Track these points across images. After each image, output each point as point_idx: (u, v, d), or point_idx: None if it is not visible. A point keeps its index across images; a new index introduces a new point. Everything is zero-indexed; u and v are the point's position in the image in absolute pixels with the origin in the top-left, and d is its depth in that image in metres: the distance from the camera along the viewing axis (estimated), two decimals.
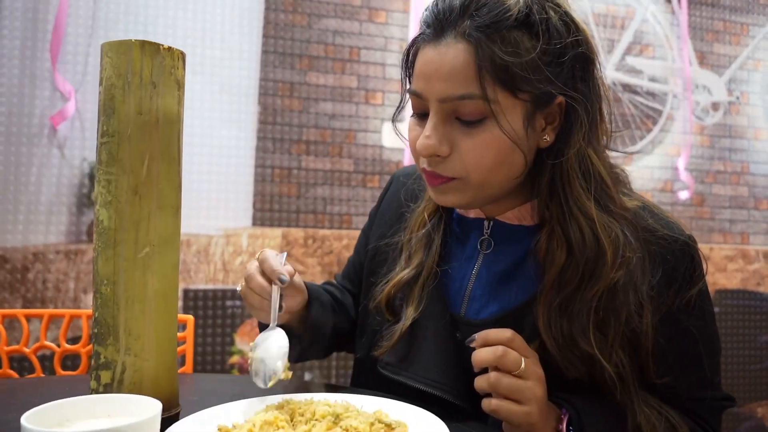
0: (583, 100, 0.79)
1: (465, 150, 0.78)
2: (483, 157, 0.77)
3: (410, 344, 0.88)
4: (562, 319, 0.79)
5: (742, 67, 2.70)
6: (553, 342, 0.79)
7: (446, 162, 0.80)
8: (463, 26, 0.76)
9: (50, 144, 1.97)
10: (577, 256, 0.80)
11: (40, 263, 1.95)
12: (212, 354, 2.07)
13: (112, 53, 0.75)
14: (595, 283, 0.79)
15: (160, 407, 0.66)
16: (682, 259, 0.84)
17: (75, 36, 2.00)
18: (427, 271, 0.90)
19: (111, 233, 0.75)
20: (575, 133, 0.79)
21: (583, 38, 0.80)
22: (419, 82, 0.80)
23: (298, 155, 2.19)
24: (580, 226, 0.80)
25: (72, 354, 1.29)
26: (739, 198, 2.68)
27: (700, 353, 0.86)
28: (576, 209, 0.80)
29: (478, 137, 0.77)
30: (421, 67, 0.79)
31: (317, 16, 2.22)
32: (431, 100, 0.78)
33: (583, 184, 0.81)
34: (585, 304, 0.79)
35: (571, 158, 0.80)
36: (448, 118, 0.79)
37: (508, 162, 0.79)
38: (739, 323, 2.62)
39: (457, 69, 0.76)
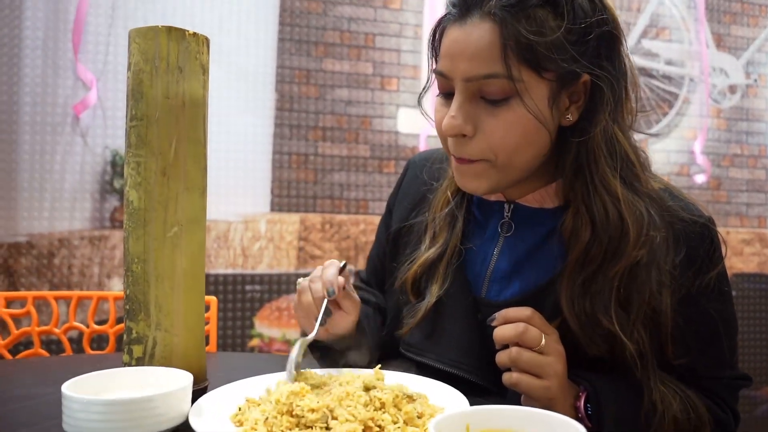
0: (608, 79, 0.80)
1: (490, 130, 0.79)
2: (508, 137, 0.78)
3: (432, 325, 0.90)
4: (584, 297, 0.80)
5: (760, 49, 2.67)
6: (575, 320, 0.80)
7: (472, 143, 0.80)
8: (489, 5, 0.76)
9: (73, 132, 2.02)
10: (601, 234, 0.80)
11: (65, 249, 2.00)
12: (233, 337, 2.11)
13: (139, 39, 0.78)
14: (618, 261, 0.80)
15: (191, 378, 0.69)
16: (702, 241, 0.84)
17: (96, 26, 2.03)
18: (451, 249, 0.91)
19: (141, 213, 0.77)
20: (601, 111, 0.80)
21: (609, 16, 0.80)
22: (445, 62, 0.80)
23: (315, 141, 2.22)
24: (605, 204, 0.80)
25: (98, 336, 1.33)
26: (756, 181, 2.66)
27: (719, 334, 0.87)
28: (601, 187, 0.81)
29: (503, 116, 0.78)
30: (447, 47, 0.80)
31: (332, 3, 2.24)
32: (456, 79, 0.79)
33: (609, 162, 0.81)
34: (607, 282, 0.80)
35: (597, 136, 0.80)
36: (473, 98, 0.79)
37: (534, 141, 0.80)
38: (756, 307, 2.62)
39: (482, 48, 0.76)
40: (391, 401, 0.66)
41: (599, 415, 0.77)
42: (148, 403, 0.62)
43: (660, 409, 0.80)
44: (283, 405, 0.65)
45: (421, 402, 0.69)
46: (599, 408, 0.78)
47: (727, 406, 0.89)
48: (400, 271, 0.96)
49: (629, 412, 0.80)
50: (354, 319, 0.90)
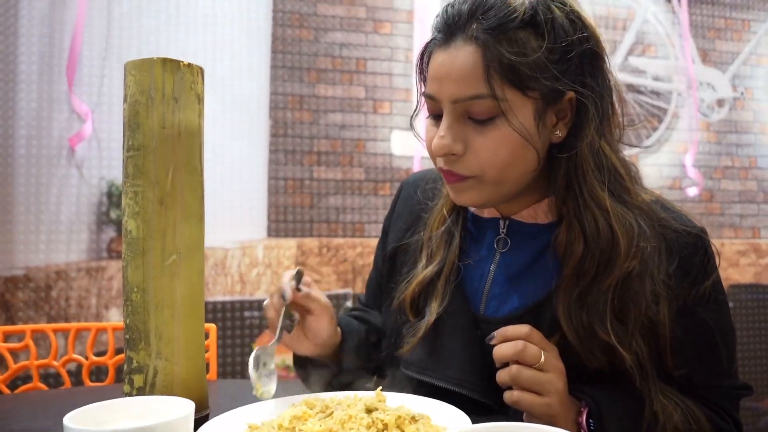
0: (591, 95, 0.82)
1: (478, 148, 0.81)
2: (496, 155, 0.80)
3: (433, 343, 0.90)
4: (581, 310, 0.81)
5: (745, 63, 2.72)
6: (573, 333, 0.81)
7: (462, 161, 0.82)
8: (471, 29, 0.79)
9: (69, 164, 2.02)
10: (593, 247, 0.82)
11: (62, 281, 1.99)
12: (232, 365, 2.10)
13: (135, 71, 0.79)
14: (610, 273, 0.81)
15: (193, 406, 0.69)
16: (696, 251, 0.85)
17: (90, 59, 2.05)
18: (448, 266, 0.92)
19: (139, 242, 0.78)
20: (586, 127, 0.82)
21: (590, 34, 0.82)
22: (432, 85, 0.83)
23: (310, 166, 2.23)
24: (595, 217, 0.82)
25: (96, 369, 1.32)
26: (748, 192, 2.68)
27: (716, 344, 0.87)
28: (590, 201, 0.82)
29: (491, 135, 0.80)
30: (434, 71, 0.82)
31: (323, 30, 2.27)
32: (444, 101, 0.81)
33: (597, 176, 0.83)
34: (601, 295, 0.81)
35: (584, 151, 0.82)
36: (461, 118, 0.81)
37: (521, 158, 0.82)
38: (754, 317, 2.62)
39: (466, 71, 0.79)
40: (393, 422, 0.66)
41: (602, 429, 0.77)
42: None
43: (661, 420, 0.80)
44: (286, 430, 0.65)
45: (423, 422, 0.69)
46: (601, 423, 0.78)
47: (729, 416, 0.89)
48: (398, 291, 0.96)
49: (631, 425, 0.80)
50: (327, 321, 0.91)
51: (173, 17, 2.13)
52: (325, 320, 0.91)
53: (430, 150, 0.86)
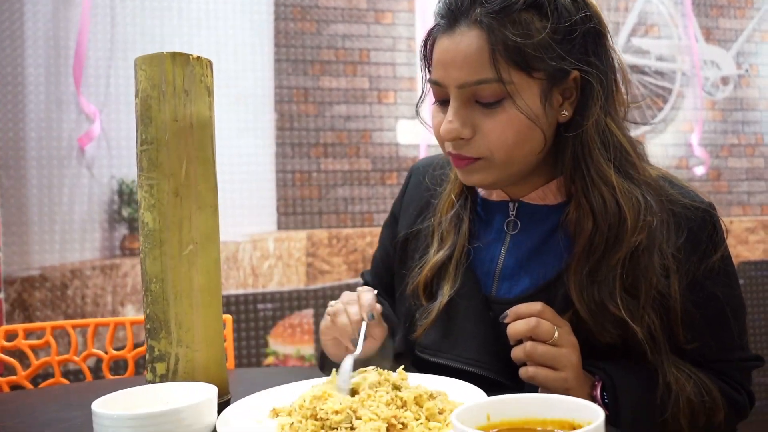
0: (596, 73, 0.83)
1: (487, 131, 0.82)
2: (504, 136, 0.81)
3: (446, 325, 0.91)
4: (591, 286, 0.82)
5: (749, 39, 2.71)
6: (585, 309, 0.82)
7: (470, 144, 0.83)
8: (475, 14, 0.80)
9: (79, 165, 2.05)
10: (601, 224, 0.83)
11: (78, 280, 2.02)
12: (248, 357, 2.12)
13: (145, 66, 0.80)
14: (619, 248, 0.82)
15: (215, 390, 0.71)
16: (705, 225, 0.86)
17: (95, 60, 2.07)
18: (459, 249, 0.93)
19: (156, 234, 0.80)
20: (592, 105, 0.83)
21: (592, 13, 0.83)
22: (438, 71, 0.84)
23: (317, 158, 2.25)
24: (602, 194, 0.83)
25: (115, 364, 1.35)
26: (755, 169, 2.68)
27: (727, 317, 0.88)
28: (597, 178, 0.83)
29: (498, 118, 0.81)
30: (439, 57, 0.83)
31: (325, 22, 2.28)
32: (450, 87, 0.82)
33: (603, 153, 0.84)
34: (611, 270, 0.82)
35: (589, 129, 0.83)
36: (468, 103, 0.82)
37: (529, 139, 0.83)
38: (765, 293, 2.62)
39: (471, 55, 0.80)
40: (412, 399, 0.67)
41: (616, 402, 0.79)
42: (176, 415, 0.64)
43: (674, 391, 0.82)
44: (307, 409, 0.66)
45: (441, 399, 0.71)
46: (615, 396, 0.79)
47: (742, 388, 0.90)
48: (410, 277, 0.97)
49: (645, 398, 0.81)
50: (379, 345, 0.93)
51: (176, 15, 2.15)
52: (378, 345, 0.93)
53: (438, 135, 0.87)
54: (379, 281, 1.12)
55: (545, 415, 0.55)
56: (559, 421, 0.54)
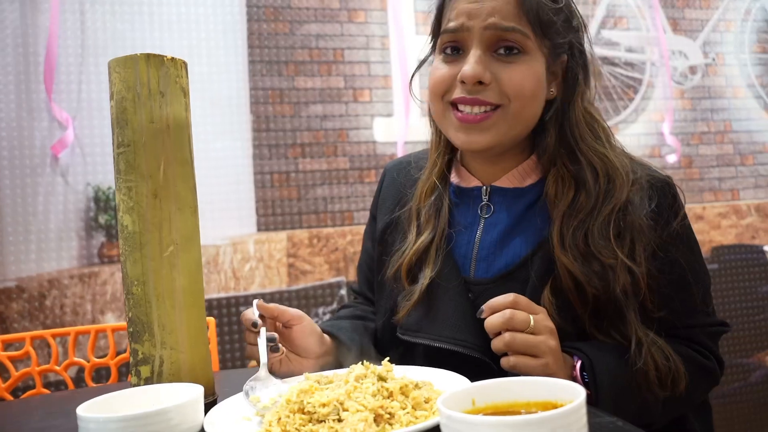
0: (584, 54, 0.92)
1: (506, 79, 0.88)
2: (523, 85, 0.88)
3: (426, 307, 0.93)
4: (578, 236, 0.87)
5: (714, 29, 2.76)
6: (571, 259, 0.85)
7: (487, 89, 0.88)
8: None
9: (53, 172, 2.02)
10: (590, 190, 0.89)
11: (55, 289, 1.99)
12: (232, 360, 2.12)
13: (119, 68, 0.80)
14: (612, 201, 0.88)
15: (201, 390, 0.71)
16: (666, 194, 0.92)
17: (66, 65, 2.05)
18: (440, 234, 0.96)
19: (136, 236, 0.79)
20: (578, 86, 0.91)
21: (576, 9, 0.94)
22: (461, 19, 0.88)
23: (295, 159, 2.25)
24: (593, 163, 0.90)
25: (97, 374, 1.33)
26: (725, 156, 2.74)
27: (689, 281, 0.92)
28: (587, 150, 0.90)
29: (518, 68, 0.88)
30: (464, 6, 0.88)
31: (298, 22, 2.28)
32: (476, 30, 0.87)
33: (591, 127, 0.92)
34: (603, 219, 0.87)
35: (577, 103, 0.91)
36: (488, 51, 0.88)
37: (539, 96, 0.90)
38: (739, 277, 2.68)
39: (502, 4, 0.86)
40: (398, 389, 0.68)
41: (595, 379, 0.81)
42: (163, 416, 0.64)
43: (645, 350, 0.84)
44: (294, 403, 0.67)
45: (427, 388, 0.72)
46: (594, 373, 0.81)
47: (710, 353, 0.93)
48: (391, 261, 0.99)
49: (621, 374, 0.83)
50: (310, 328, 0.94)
51: (147, 19, 2.13)
52: (307, 327, 0.93)
53: (439, 88, 0.92)
54: (368, 287, 1.13)
55: (529, 397, 0.56)
56: (543, 403, 0.55)
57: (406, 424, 0.63)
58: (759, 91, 2.80)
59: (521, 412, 0.55)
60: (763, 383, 2.65)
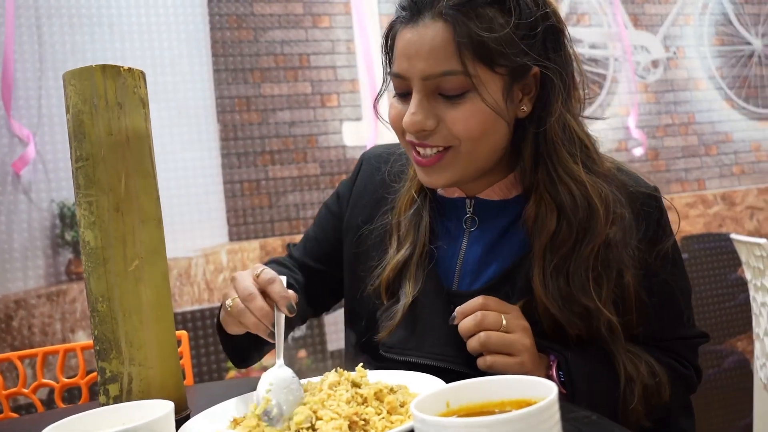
0: (557, 69, 0.84)
1: (451, 121, 0.82)
2: (469, 126, 0.82)
3: (411, 324, 0.91)
4: (558, 279, 0.83)
5: (674, 23, 2.82)
6: (552, 302, 0.83)
7: (434, 134, 0.83)
8: (439, 6, 0.80)
9: (15, 190, 1.97)
10: (570, 219, 0.83)
11: (22, 310, 1.94)
12: (209, 372, 2.08)
13: (74, 81, 0.78)
14: (591, 241, 0.83)
15: (172, 406, 0.69)
16: (654, 212, 0.89)
17: (24, 81, 2.00)
18: (419, 249, 0.93)
19: (99, 252, 0.78)
20: (554, 102, 0.84)
21: (551, 11, 0.85)
22: (401, 63, 0.83)
23: (264, 166, 2.23)
24: (570, 190, 0.84)
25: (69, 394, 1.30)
26: (690, 147, 2.79)
27: (677, 300, 0.91)
28: (564, 174, 0.84)
29: (462, 109, 0.81)
30: (402, 49, 0.83)
31: (262, 29, 2.26)
32: (414, 78, 0.82)
33: (569, 149, 0.85)
34: (583, 262, 0.83)
35: (553, 125, 0.84)
36: (431, 95, 0.83)
37: (493, 131, 0.83)
38: (709, 265, 2.73)
39: (437, 47, 0.80)
40: (372, 395, 0.67)
41: (571, 379, 0.81)
42: None
43: (632, 377, 0.83)
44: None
45: (402, 392, 0.71)
46: (570, 373, 0.81)
47: (689, 363, 0.94)
48: (371, 277, 0.97)
49: (599, 378, 0.83)
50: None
51: (107, 30, 2.09)
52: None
53: (397, 127, 0.87)
54: (310, 259, 1.09)
55: (503, 396, 0.56)
56: (517, 401, 0.55)
57: (381, 430, 0.62)
58: (720, 82, 2.86)
59: (495, 411, 0.55)
60: (736, 368, 2.71)
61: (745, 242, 2.00)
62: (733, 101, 2.87)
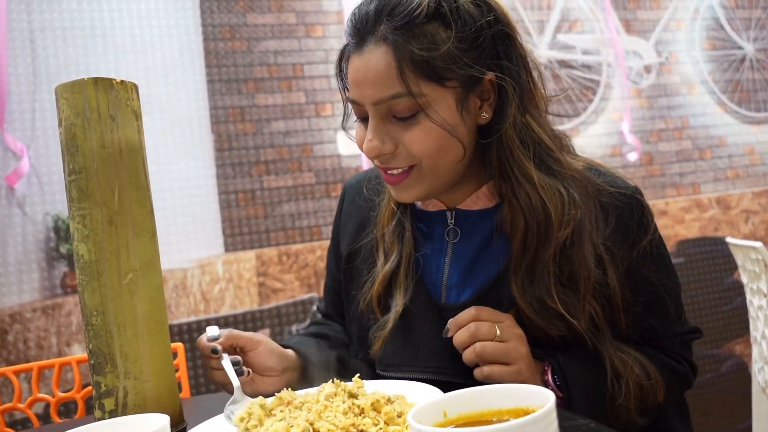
0: (510, 73, 0.83)
1: (407, 142, 0.82)
2: (425, 146, 0.82)
3: (402, 338, 0.91)
4: (531, 284, 0.84)
5: (666, 29, 2.84)
6: (528, 307, 0.83)
7: (396, 156, 0.84)
8: (380, 31, 0.80)
9: (10, 204, 1.96)
10: (530, 221, 0.84)
11: (18, 324, 1.93)
12: (206, 384, 2.07)
13: (67, 94, 0.78)
14: (548, 245, 0.84)
15: (167, 419, 0.68)
16: (633, 212, 0.89)
17: (18, 94, 2.00)
18: (406, 258, 0.93)
19: (93, 265, 0.77)
20: (507, 106, 0.84)
21: (498, 15, 0.84)
22: (354, 91, 0.84)
23: (259, 176, 2.22)
24: (527, 192, 0.84)
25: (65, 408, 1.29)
26: (684, 151, 2.80)
27: (663, 298, 0.91)
28: (521, 176, 0.84)
29: (415, 130, 0.82)
30: (352, 76, 0.84)
31: (255, 39, 2.26)
32: (366, 104, 0.83)
33: (524, 151, 0.85)
34: (545, 266, 0.84)
35: (508, 129, 0.84)
36: (385, 118, 0.83)
37: (449, 148, 0.83)
38: (705, 269, 2.74)
39: (381, 72, 0.80)
40: (369, 405, 0.67)
41: (566, 383, 0.81)
42: None
43: (624, 376, 0.84)
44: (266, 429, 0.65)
45: (399, 402, 0.71)
46: (565, 377, 0.81)
47: (684, 360, 0.94)
48: (362, 293, 0.97)
49: (593, 377, 0.83)
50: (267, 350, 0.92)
51: (100, 42, 2.09)
52: (264, 349, 0.92)
53: (362, 149, 0.87)
54: (335, 309, 1.11)
55: (500, 405, 0.55)
56: (514, 410, 0.55)
57: None
58: (712, 86, 2.88)
59: (493, 420, 0.54)
60: (734, 372, 2.71)
61: (740, 246, 2.01)
62: (726, 105, 2.88)
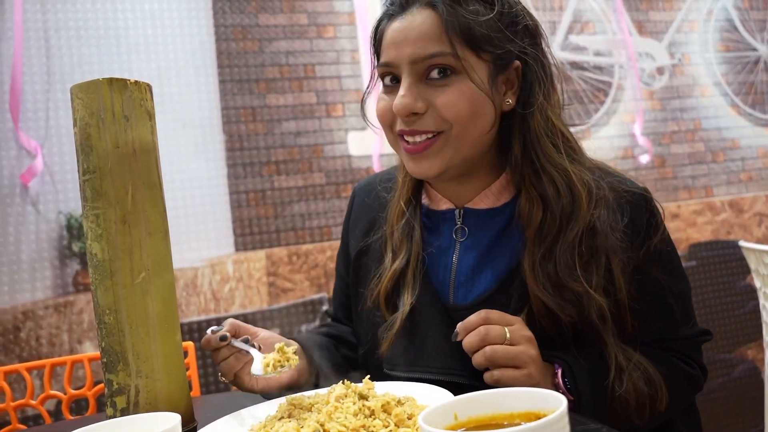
0: (539, 60, 0.88)
1: (440, 104, 0.84)
2: (459, 108, 0.84)
3: (411, 340, 0.91)
4: (547, 266, 0.84)
5: (678, 30, 2.82)
6: (543, 290, 0.84)
7: (424, 118, 0.85)
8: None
9: (24, 202, 1.98)
10: (554, 209, 0.85)
11: (30, 321, 1.95)
12: (215, 383, 2.08)
13: (82, 94, 0.79)
14: (575, 225, 0.85)
15: (178, 418, 0.69)
16: (642, 210, 0.89)
17: (33, 93, 2.01)
18: (414, 257, 0.93)
19: (106, 264, 0.78)
20: (536, 93, 0.87)
21: (528, 13, 0.90)
22: (389, 52, 0.86)
23: (270, 176, 2.23)
24: (554, 179, 0.86)
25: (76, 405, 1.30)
26: (696, 154, 2.78)
27: (669, 300, 0.91)
28: (547, 164, 0.87)
29: (451, 91, 0.84)
30: (391, 37, 0.86)
31: (267, 40, 2.27)
32: (402, 64, 0.85)
33: (552, 140, 0.88)
34: (568, 246, 0.85)
35: (536, 116, 0.87)
36: (419, 80, 0.85)
37: (482, 113, 0.86)
38: (717, 272, 2.71)
39: (425, 30, 0.84)
40: (380, 407, 0.67)
41: (576, 385, 0.80)
42: None
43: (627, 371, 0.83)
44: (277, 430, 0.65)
45: (409, 404, 0.71)
46: (574, 378, 0.81)
47: (694, 362, 0.93)
48: (369, 290, 0.97)
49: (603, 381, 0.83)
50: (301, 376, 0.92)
51: (114, 42, 2.11)
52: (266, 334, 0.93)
53: (385, 119, 0.89)
54: (344, 312, 1.11)
55: (511, 409, 0.55)
56: (526, 413, 0.54)
57: None
58: (725, 88, 2.85)
59: (504, 424, 0.54)
60: (746, 377, 2.68)
61: (754, 249, 1.99)
62: (739, 107, 2.86)
